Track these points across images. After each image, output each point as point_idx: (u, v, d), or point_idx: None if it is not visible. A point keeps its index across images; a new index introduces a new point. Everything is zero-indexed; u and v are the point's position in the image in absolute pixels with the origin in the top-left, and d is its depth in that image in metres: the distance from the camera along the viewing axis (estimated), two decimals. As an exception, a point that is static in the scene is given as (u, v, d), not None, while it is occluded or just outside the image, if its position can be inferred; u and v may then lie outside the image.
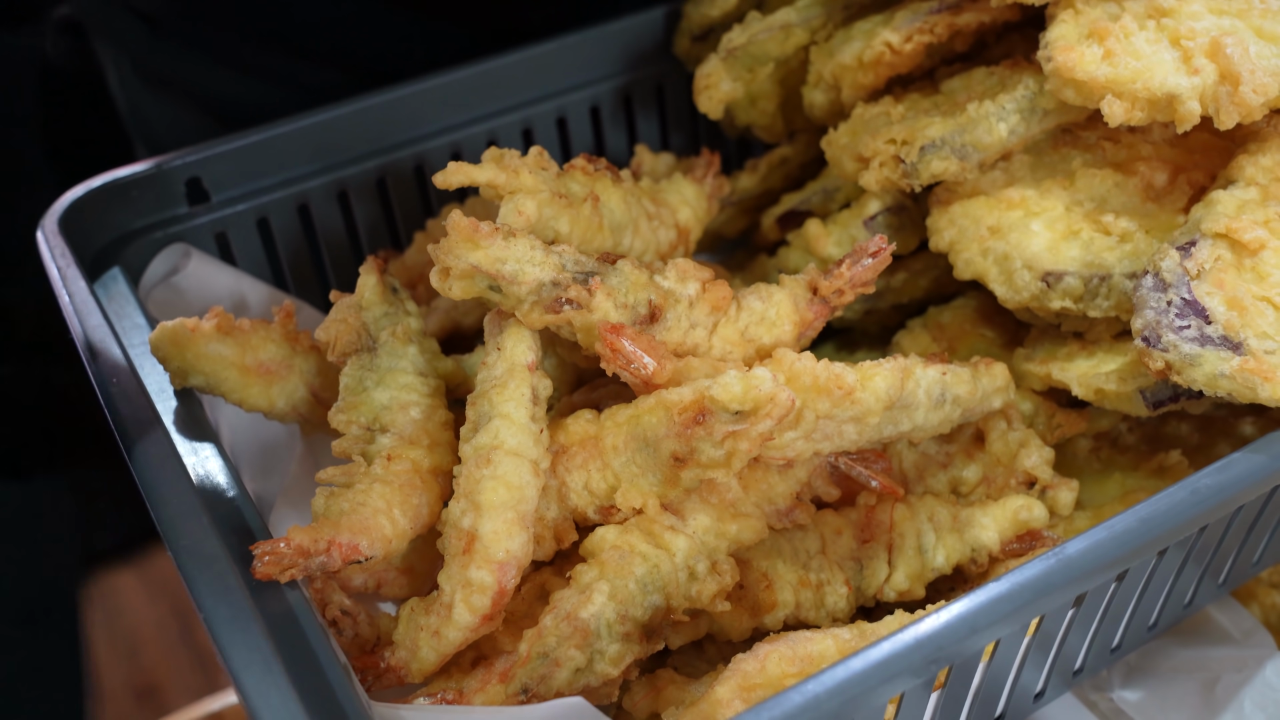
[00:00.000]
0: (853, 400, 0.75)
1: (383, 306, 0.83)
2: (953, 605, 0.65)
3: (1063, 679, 0.80)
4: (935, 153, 0.86)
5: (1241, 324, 0.73)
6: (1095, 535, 0.68)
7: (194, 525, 0.70)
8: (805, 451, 0.78)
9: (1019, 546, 0.82)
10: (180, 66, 1.25)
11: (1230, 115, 0.77)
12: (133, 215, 0.98)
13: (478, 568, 0.71)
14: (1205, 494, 0.70)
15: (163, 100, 1.27)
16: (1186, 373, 0.73)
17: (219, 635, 0.64)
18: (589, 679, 0.73)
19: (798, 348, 0.83)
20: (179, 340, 0.80)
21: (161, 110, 1.28)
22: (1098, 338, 0.86)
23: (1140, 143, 0.88)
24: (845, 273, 0.83)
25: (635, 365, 0.76)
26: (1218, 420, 0.92)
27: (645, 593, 0.74)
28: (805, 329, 0.84)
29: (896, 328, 0.99)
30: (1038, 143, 0.91)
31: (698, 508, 0.78)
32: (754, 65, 1.04)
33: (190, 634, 2.26)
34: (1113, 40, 0.79)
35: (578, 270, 0.76)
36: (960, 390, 0.81)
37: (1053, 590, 0.67)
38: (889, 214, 0.95)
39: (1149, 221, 0.85)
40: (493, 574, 0.71)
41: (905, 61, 0.94)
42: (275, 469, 0.93)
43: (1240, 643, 0.86)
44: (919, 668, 0.64)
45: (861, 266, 0.83)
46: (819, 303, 0.84)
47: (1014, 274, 0.85)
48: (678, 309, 0.79)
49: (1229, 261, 0.75)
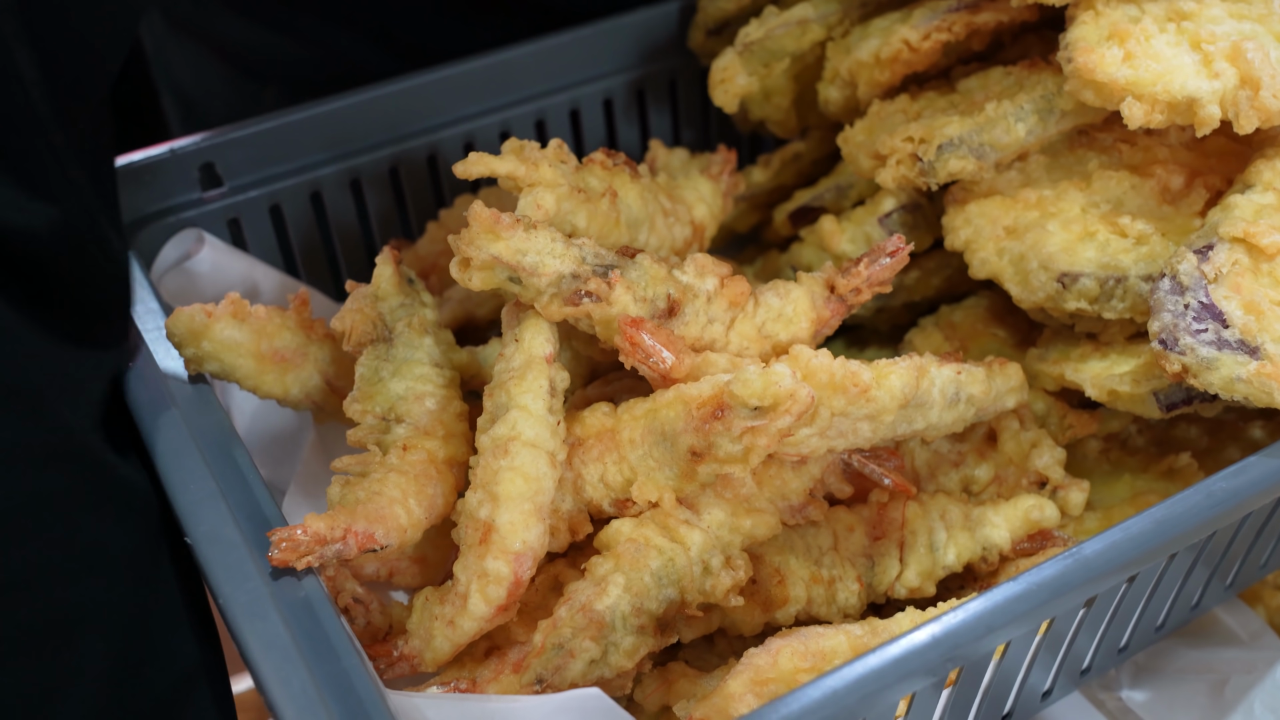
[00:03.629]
0: (868, 398, 0.76)
1: (399, 297, 0.83)
2: (969, 604, 0.65)
3: (1070, 678, 0.81)
4: (953, 152, 0.86)
5: (1258, 328, 0.73)
6: (1111, 537, 0.69)
7: (212, 512, 0.70)
8: (820, 449, 0.78)
9: (1030, 546, 0.83)
10: (210, 17, 1.23)
11: (1250, 120, 0.77)
12: (146, 200, 0.97)
13: (494, 558, 0.71)
14: (1220, 497, 0.71)
15: (188, 48, 1.24)
16: (1203, 376, 0.73)
17: (237, 622, 0.64)
18: (603, 670, 0.74)
19: (813, 345, 0.83)
20: (195, 326, 0.80)
21: (187, 59, 1.24)
22: (1111, 339, 0.86)
23: (1156, 145, 0.89)
24: (863, 272, 0.83)
25: (654, 359, 0.76)
26: (1227, 423, 0.93)
27: (660, 586, 0.74)
28: (821, 327, 0.84)
29: (907, 326, 1.00)
30: (1054, 144, 0.91)
31: (712, 502, 0.78)
32: (770, 60, 1.03)
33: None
34: (1133, 42, 0.80)
35: (597, 263, 0.76)
36: (975, 389, 0.81)
37: (1068, 591, 0.67)
38: (904, 212, 0.95)
39: (1164, 224, 0.85)
40: (509, 565, 0.71)
41: (922, 60, 0.94)
42: (287, 457, 0.93)
43: (1248, 644, 0.86)
44: (935, 666, 0.64)
45: (879, 266, 0.83)
46: (836, 301, 0.84)
47: (1030, 274, 0.85)
48: (696, 304, 0.79)
49: (1246, 265, 0.75)
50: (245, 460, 0.75)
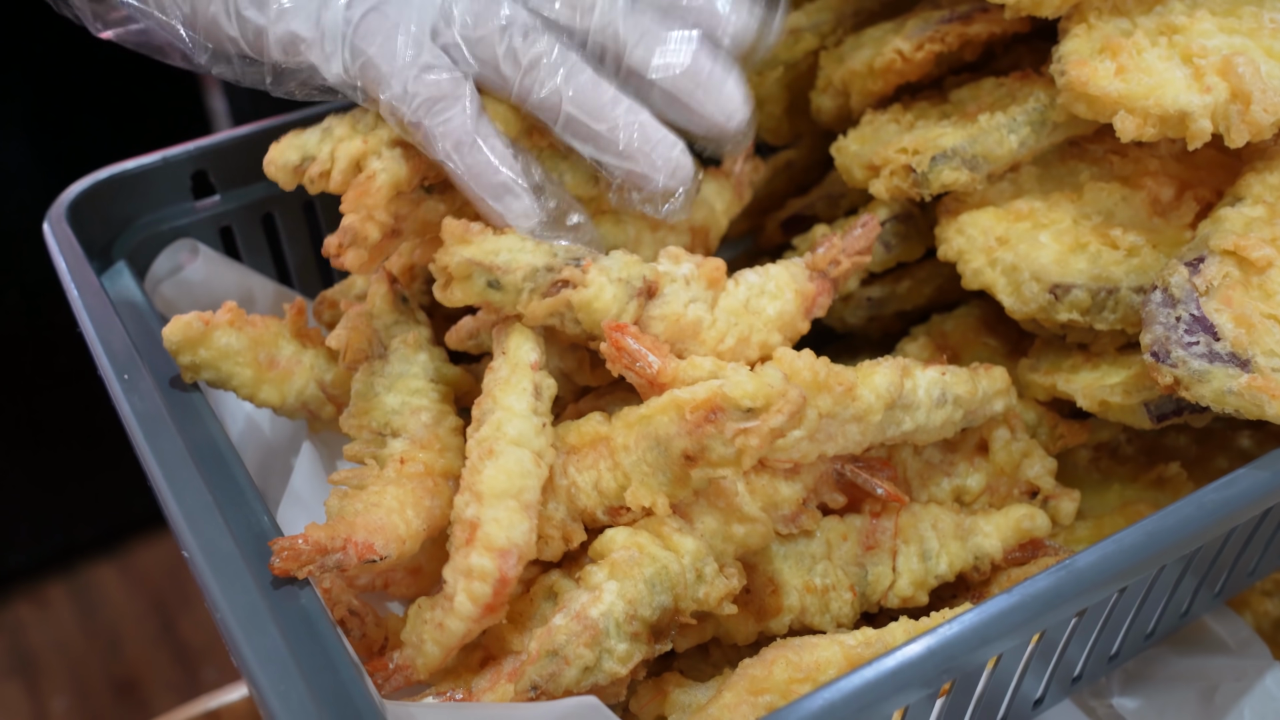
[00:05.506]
0: (853, 397, 0.76)
1: (393, 315, 0.84)
2: (963, 617, 0.66)
3: (1062, 687, 0.81)
4: (946, 163, 0.87)
5: (1249, 341, 0.74)
6: (1103, 549, 0.69)
7: (209, 523, 0.70)
8: (810, 453, 0.78)
9: (1021, 555, 0.83)
10: None
11: (1241, 134, 0.78)
12: (138, 208, 0.97)
13: (479, 555, 0.71)
14: (1211, 509, 0.71)
15: None
16: (1195, 389, 0.74)
17: (235, 634, 0.64)
18: (597, 677, 0.74)
19: (806, 322, 0.84)
20: (192, 333, 0.80)
21: None
22: (1102, 350, 0.86)
23: (1147, 157, 0.89)
24: (838, 243, 0.84)
25: (640, 364, 0.77)
26: (1216, 433, 0.94)
27: (654, 593, 0.75)
28: (809, 304, 0.84)
29: (900, 334, 1.00)
30: (1046, 155, 0.92)
31: (705, 511, 0.78)
32: (762, 69, 1.04)
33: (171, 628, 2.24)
34: (1125, 56, 0.80)
35: (569, 257, 0.78)
36: (960, 390, 0.82)
37: (1061, 603, 0.67)
38: (896, 221, 0.95)
39: (1155, 236, 0.86)
40: (494, 560, 0.71)
41: (915, 70, 0.95)
42: (278, 467, 0.93)
43: (1237, 652, 0.87)
44: (930, 678, 0.64)
45: (852, 236, 0.84)
46: (819, 277, 0.85)
47: (1022, 285, 0.86)
48: (674, 286, 0.80)
49: (1237, 278, 0.76)
50: (241, 472, 0.75)
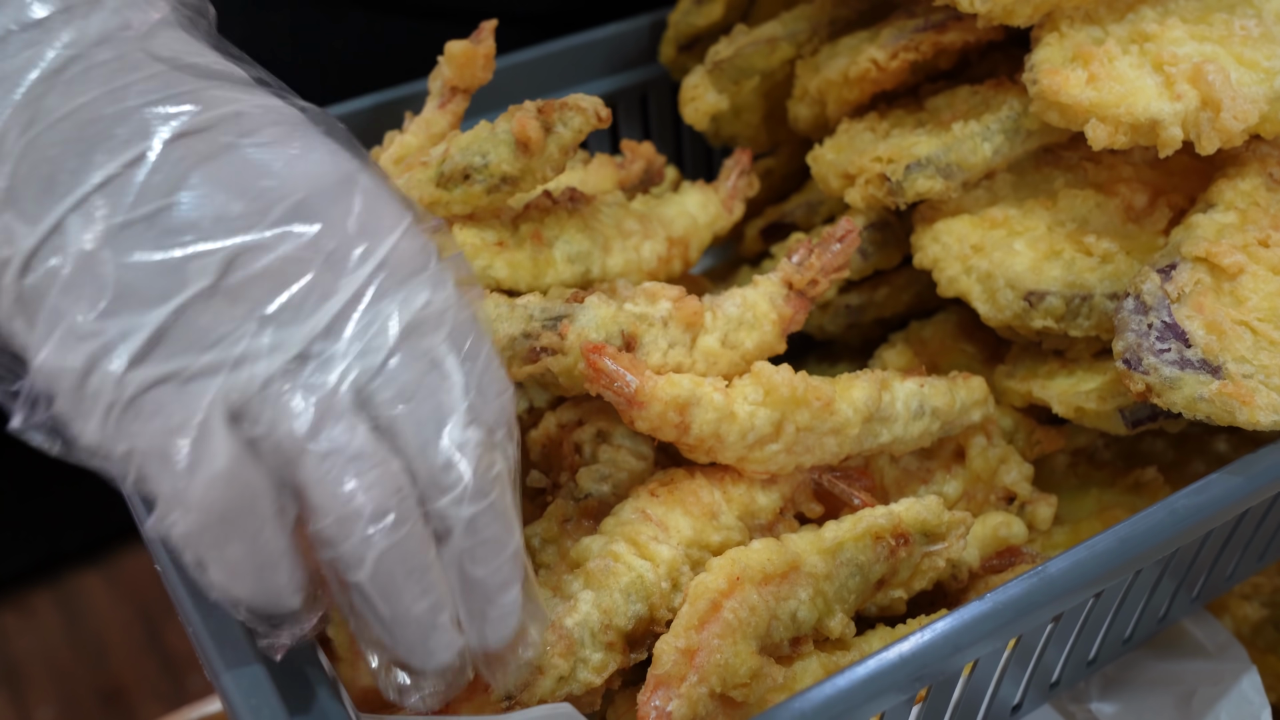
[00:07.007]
0: (831, 411, 0.77)
1: None
2: (936, 624, 0.66)
3: (1040, 692, 0.82)
4: (921, 171, 0.87)
5: (1220, 348, 0.74)
6: (1076, 555, 0.70)
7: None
8: (787, 465, 0.78)
9: (999, 563, 0.83)
10: None
11: (1211, 141, 0.78)
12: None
13: None
14: (1183, 514, 0.72)
15: None
16: (1167, 395, 0.74)
17: (208, 648, 0.64)
18: (571, 687, 0.74)
19: (782, 342, 0.84)
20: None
21: None
22: (1078, 356, 0.87)
23: (1121, 164, 0.90)
24: (815, 263, 0.84)
25: (619, 384, 0.76)
26: (1193, 437, 0.94)
27: (629, 602, 0.75)
28: (787, 324, 0.84)
29: (878, 341, 1.00)
30: (1020, 162, 0.92)
31: (680, 519, 0.78)
32: (739, 78, 1.04)
33: (157, 637, 2.23)
34: (1097, 64, 0.81)
35: (545, 318, 0.77)
36: (938, 402, 0.82)
37: (1035, 609, 0.68)
38: (872, 230, 0.96)
39: (1129, 243, 0.86)
40: None
41: (890, 78, 0.95)
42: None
43: (1214, 656, 0.87)
44: (904, 685, 0.65)
45: (831, 253, 0.84)
46: (795, 297, 0.85)
47: (997, 292, 0.86)
48: (652, 331, 0.80)
49: (1208, 285, 0.76)
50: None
